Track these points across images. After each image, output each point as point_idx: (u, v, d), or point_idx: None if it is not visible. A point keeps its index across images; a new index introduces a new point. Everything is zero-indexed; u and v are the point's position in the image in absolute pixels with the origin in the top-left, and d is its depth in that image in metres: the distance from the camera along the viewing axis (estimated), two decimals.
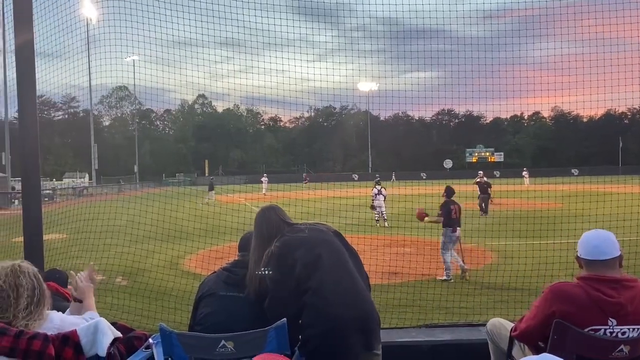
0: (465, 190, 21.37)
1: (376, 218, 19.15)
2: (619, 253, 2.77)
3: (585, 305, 2.65)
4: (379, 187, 19.43)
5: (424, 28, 6.50)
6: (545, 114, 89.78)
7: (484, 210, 21.03)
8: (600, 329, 2.64)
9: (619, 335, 2.63)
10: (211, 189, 32.53)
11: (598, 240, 2.78)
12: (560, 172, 60.37)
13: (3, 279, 2.48)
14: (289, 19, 6.64)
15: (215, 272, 3.16)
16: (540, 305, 2.81)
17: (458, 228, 10.41)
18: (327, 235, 2.97)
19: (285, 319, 2.73)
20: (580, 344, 2.65)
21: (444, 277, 10.14)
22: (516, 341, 3.05)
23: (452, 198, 10.61)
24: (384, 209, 18.98)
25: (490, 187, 21.75)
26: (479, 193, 21.75)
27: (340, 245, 2.96)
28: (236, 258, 3.19)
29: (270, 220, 3.04)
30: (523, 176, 42.50)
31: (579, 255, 2.85)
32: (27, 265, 2.59)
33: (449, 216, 10.30)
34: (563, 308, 2.68)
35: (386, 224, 18.52)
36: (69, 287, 3.03)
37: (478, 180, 22.88)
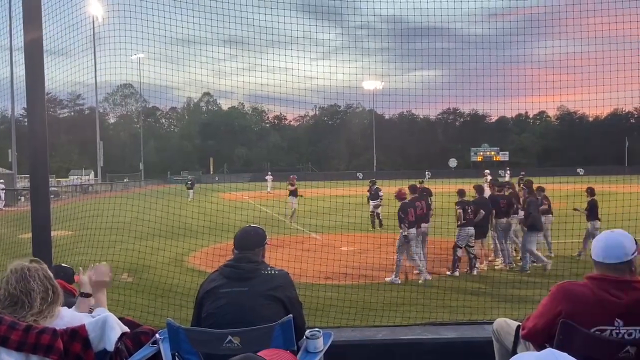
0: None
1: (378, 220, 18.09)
2: (630, 257, 2.72)
3: (591, 305, 2.64)
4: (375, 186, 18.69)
5: (428, 26, 6.50)
6: (551, 113, 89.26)
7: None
8: (606, 330, 2.63)
9: (625, 336, 2.61)
10: (190, 187, 32.78)
11: (608, 243, 2.76)
12: (565, 172, 60.06)
13: (14, 285, 2.49)
14: (293, 17, 6.65)
15: (217, 270, 3.16)
16: (547, 304, 2.81)
17: (424, 224, 10.76)
18: None
19: (291, 315, 2.76)
20: (586, 344, 2.63)
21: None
22: (522, 340, 3.04)
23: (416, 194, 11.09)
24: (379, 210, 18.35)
25: (432, 196, 14.63)
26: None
27: None
28: (236, 255, 3.15)
29: None
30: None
31: (592, 254, 2.83)
32: (36, 267, 2.58)
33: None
34: (569, 307, 2.68)
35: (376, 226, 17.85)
36: (81, 277, 3.06)
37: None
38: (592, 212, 11.46)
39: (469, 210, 10.67)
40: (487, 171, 26.58)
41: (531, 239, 10.42)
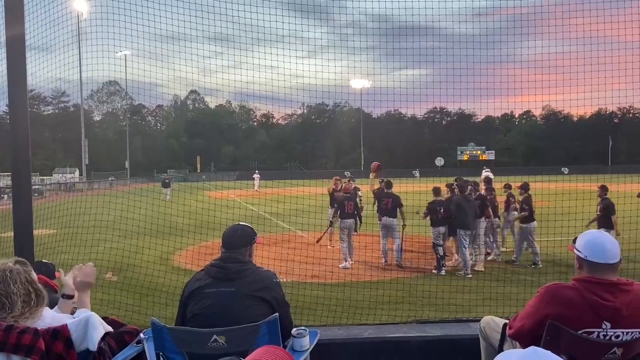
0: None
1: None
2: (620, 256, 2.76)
3: (580, 308, 2.64)
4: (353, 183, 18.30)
5: (414, 25, 6.52)
6: (536, 112, 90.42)
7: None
8: (593, 332, 2.63)
9: (613, 338, 2.62)
10: (166, 186, 32.74)
11: (609, 244, 2.74)
12: (550, 171, 60.85)
13: None
14: (279, 15, 6.63)
15: (202, 269, 3.11)
16: (534, 305, 2.80)
17: (384, 217, 11.52)
18: None
19: (277, 314, 2.75)
20: (573, 345, 2.64)
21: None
22: (508, 338, 3.04)
23: (390, 190, 11.95)
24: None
25: (361, 200, 14.49)
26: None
27: None
28: (222, 254, 3.12)
29: None
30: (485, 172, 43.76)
31: (583, 256, 2.76)
32: (19, 270, 2.52)
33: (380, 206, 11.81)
34: (557, 310, 2.67)
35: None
36: (63, 277, 3.02)
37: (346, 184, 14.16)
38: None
39: (441, 210, 10.92)
40: (486, 169, 26.46)
41: (462, 238, 10.57)
